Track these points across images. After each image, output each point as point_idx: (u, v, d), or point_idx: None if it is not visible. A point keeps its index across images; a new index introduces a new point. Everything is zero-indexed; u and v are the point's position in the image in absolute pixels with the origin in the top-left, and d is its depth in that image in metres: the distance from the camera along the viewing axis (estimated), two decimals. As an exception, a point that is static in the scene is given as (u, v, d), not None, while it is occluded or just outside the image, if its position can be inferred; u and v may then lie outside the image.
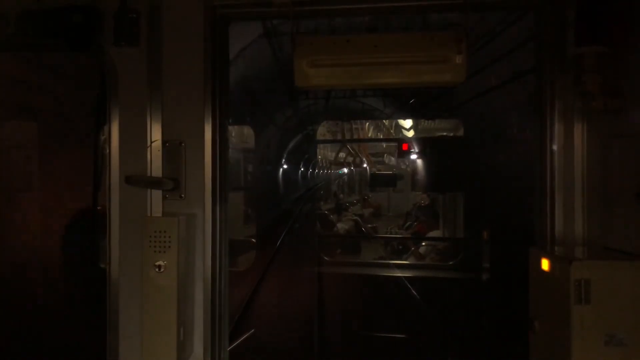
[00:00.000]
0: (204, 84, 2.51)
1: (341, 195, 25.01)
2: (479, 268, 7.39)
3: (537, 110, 2.55)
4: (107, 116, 2.57)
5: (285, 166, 23.20)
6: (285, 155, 22.43)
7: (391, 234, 15.60)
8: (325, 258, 10.17)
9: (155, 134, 2.51)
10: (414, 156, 12.99)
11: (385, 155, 24.95)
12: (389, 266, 10.04)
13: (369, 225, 16.45)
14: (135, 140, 2.52)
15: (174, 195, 2.51)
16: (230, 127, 3.21)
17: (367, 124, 21.76)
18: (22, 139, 4.45)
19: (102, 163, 2.60)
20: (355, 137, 22.41)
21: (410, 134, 16.27)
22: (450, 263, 9.30)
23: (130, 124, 2.53)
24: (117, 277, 2.53)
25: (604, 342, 1.98)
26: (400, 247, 12.13)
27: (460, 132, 10.88)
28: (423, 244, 11.37)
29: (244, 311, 8.36)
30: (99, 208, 3.10)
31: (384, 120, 19.16)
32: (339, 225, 15.07)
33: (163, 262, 2.32)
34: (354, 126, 21.86)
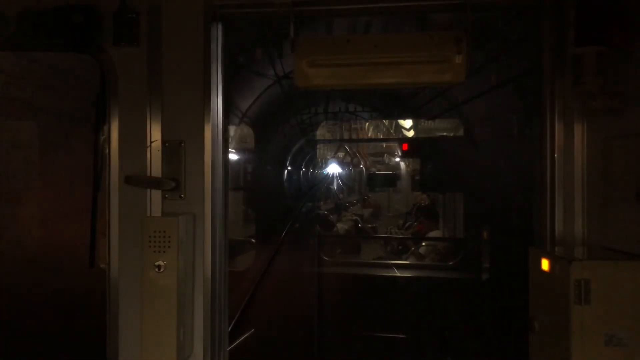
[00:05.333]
0: (204, 84, 2.51)
1: (341, 195, 24.97)
2: (479, 268, 7.38)
3: (537, 110, 2.55)
4: (107, 116, 2.57)
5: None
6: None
7: (391, 234, 15.60)
8: (325, 258, 10.17)
9: (155, 133, 2.51)
10: (414, 156, 12.97)
11: (385, 155, 24.92)
12: (388, 266, 10.04)
13: (369, 226, 16.46)
14: (135, 140, 2.52)
15: (173, 195, 2.51)
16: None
17: (367, 123, 21.75)
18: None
19: (102, 163, 2.60)
20: (355, 137, 22.41)
21: (410, 134, 16.26)
22: (450, 263, 9.30)
23: (130, 124, 2.53)
24: (117, 277, 2.53)
25: (604, 342, 1.98)
26: (400, 247, 12.13)
27: (460, 132, 10.88)
28: (423, 244, 11.37)
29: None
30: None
31: (383, 120, 19.16)
32: (339, 226, 15.07)
33: (163, 262, 2.32)
34: (353, 126, 21.85)
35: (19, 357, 4.31)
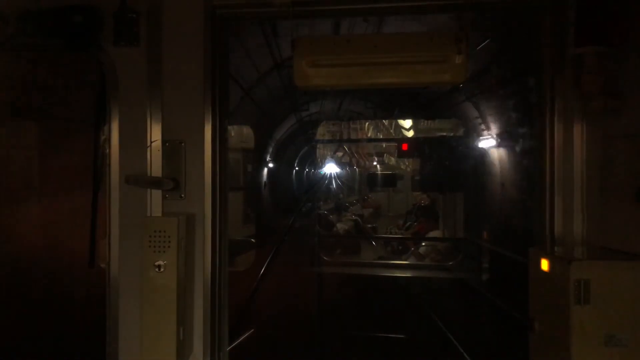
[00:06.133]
0: (204, 84, 2.51)
1: (340, 195, 24.92)
2: (479, 268, 7.40)
3: (537, 110, 2.55)
4: (107, 116, 2.57)
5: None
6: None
7: (391, 234, 15.59)
8: (325, 258, 10.17)
9: (155, 133, 2.51)
10: (414, 156, 12.97)
11: (385, 155, 24.88)
12: (388, 266, 10.04)
13: (369, 225, 16.44)
14: (135, 140, 2.52)
15: (173, 195, 2.51)
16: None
17: (367, 123, 21.74)
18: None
19: (102, 163, 2.60)
20: (355, 137, 22.39)
21: (410, 134, 16.26)
22: (450, 263, 9.31)
23: (130, 124, 2.53)
24: (117, 277, 2.53)
25: (603, 342, 1.98)
26: (400, 247, 12.13)
27: (460, 132, 10.89)
28: (423, 244, 11.37)
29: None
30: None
31: (383, 120, 19.15)
32: (339, 226, 15.07)
33: (163, 262, 2.32)
34: (352, 126, 21.83)
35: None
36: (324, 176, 27.40)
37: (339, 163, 25.85)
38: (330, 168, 26.53)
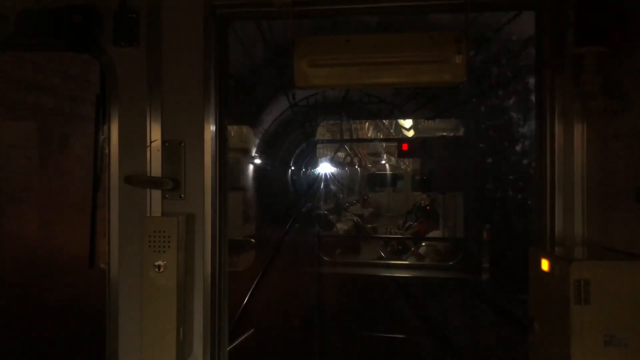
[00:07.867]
0: (204, 84, 2.51)
1: (340, 195, 24.91)
2: (479, 268, 7.39)
3: (537, 110, 2.55)
4: (107, 116, 2.57)
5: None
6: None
7: (391, 234, 15.59)
8: (325, 258, 10.18)
9: (155, 133, 2.51)
10: (414, 156, 12.97)
11: (385, 155, 24.89)
12: (388, 266, 10.04)
13: (369, 226, 16.44)
14: (134, 140, 2.52)
15: (173, 195, 2.51)
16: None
17: (367, 123, 21.77)
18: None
19: (101, 163, 2.60)
20: (355, 137, 22.41)
21: (410, 133, 16.27)
22: (450, 263, 9.31)
23: (129, 124, 2.53)
24: (117, 277, 2.53)
25: (603, 342, 1.98)
26: (400, 247, 12.13)
27: (460, 132, 10.89)
28: (423, 244, 11.37)
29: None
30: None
31: (383, 120, 19.17)
32: (339, 226, 15.08)
33: (163, 262, 2.32)
34: (353, 126, 21.85)
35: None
36: (325, 176, 27.20)
37: (339, 163, 25.82)
38: (331, 169, 26.37)
